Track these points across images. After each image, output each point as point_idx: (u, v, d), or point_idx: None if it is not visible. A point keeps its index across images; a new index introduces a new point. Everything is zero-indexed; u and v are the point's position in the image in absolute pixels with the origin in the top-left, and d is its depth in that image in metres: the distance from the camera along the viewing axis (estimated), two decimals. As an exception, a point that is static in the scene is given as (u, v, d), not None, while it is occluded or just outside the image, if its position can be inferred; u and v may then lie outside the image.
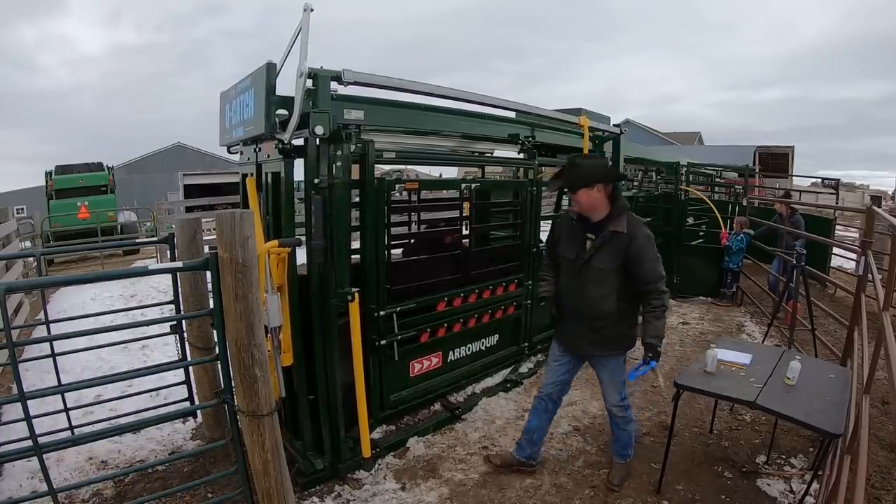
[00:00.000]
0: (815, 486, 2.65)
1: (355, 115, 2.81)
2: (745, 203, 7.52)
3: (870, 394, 2.23)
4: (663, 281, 2.53)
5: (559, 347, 2.81)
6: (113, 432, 2.51)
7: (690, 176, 7.99)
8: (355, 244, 3.25)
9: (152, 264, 4.15)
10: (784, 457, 3.06)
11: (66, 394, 2.87)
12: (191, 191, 21.34)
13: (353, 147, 2.78)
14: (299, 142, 2.74)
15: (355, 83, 2.64)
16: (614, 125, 4.95)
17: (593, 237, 2.56)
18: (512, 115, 3.98)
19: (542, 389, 2.88)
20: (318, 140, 2.59)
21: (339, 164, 2.68)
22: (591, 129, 4.43)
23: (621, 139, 4.93)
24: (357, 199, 3.13)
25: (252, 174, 3.15)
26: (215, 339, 2.16)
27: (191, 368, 3.21)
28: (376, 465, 2.98)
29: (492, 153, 4.54)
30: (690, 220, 7.25)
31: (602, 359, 2.71)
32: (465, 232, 4.08)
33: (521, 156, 4.32)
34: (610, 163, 2.74)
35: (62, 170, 12.81)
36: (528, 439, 2.89)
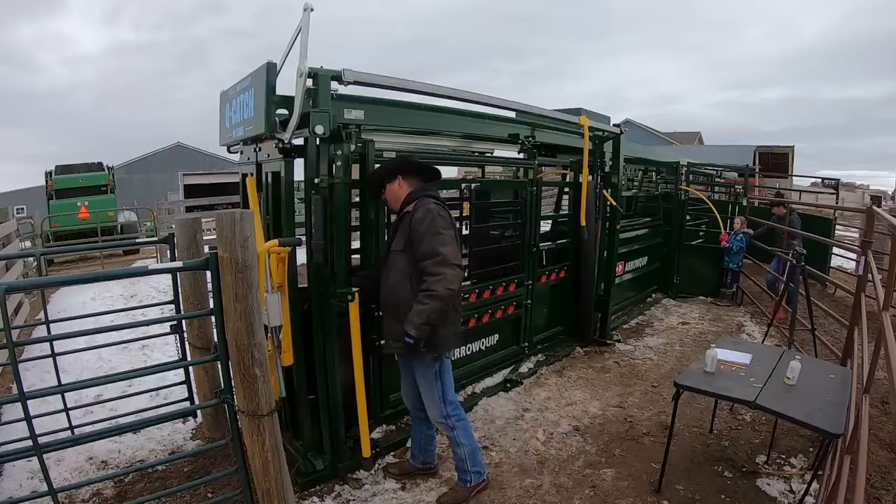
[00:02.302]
0: (815, 486, 2.65)
1: (355, 114, 2.81)
2: (745, 203, 7.52)
3: (870, 394, 2.23)
4: (437, 259, 2.31)
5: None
6: (113, 432, 2.50)
7: (690, 176, 7.99)
8: (355, 244, 3.25)
9: (152, 264, 4.15)
10: (784, 457, 3.06)
11: (66, 394, 2.87)
12: (191, 191, 21.34)
13: (353, 147, 2.78)
14: (299, 141, 2.74)
15: (355, 82, 2.64)
16: (614, 125, 4.95)
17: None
18: (512, 114, 3.98)
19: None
20: (318, 140, 2.59)
21: (339, 163, 2.68)
22: (591, 128, 4.43)
23: (621, 139, 4.93)
24: (357, 199, 3.13)
25: (252, 174, 3.15)
26: (215, 339, 2.16)
27: (191, 368, 3.22)
28: (376, 465, 2.98)
29: (492, 153, 4.55)
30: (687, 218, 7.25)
31: (410, 361, 2.56)
32: (464, 232, 4.08)
33: (521, 155, 4.32)
34: (413, 159, 2.76)
35: (62, 170, 12.80)
36: (417, 446, 2.88)
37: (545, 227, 5.50)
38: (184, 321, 3.03)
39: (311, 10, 2.37)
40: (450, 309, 2.44)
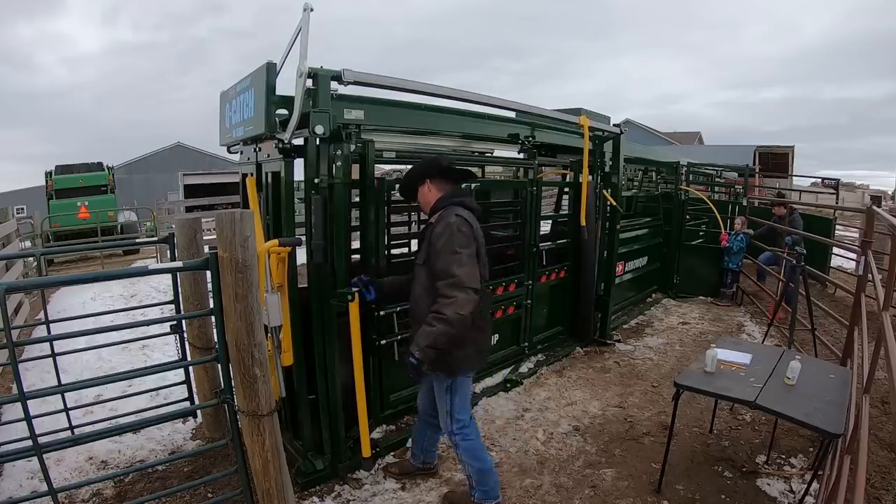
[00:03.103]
0: (815, 486, 2.65)
1: (355, 114, 2.81)
2: (745, 203, 7.53)
3: (870, 394, 2.23)
4: (451, 282, 2.17)
5: None
6: (113, 432, 2.50)
7: (690, 176, 7.99)
8: (355, 244, 3.24)
9: (152, 264, 4.15)
10: (784, 457, 3.06)
11: (66, 394, 2.87)
12: (191, 191, 21.35)
13: (353, 147, 2.78)
14: (299, 141, 2.74)
15: (355, 83, 2.63)
16: (614, 125, 4.95)
17: None
18: (512, 114, 3.97)
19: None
20: (318, 140, 2.59)
21: (339, 163, 2.68)
22: (591, 128, 4.43)
23: (621, 139, 4.92)
24: (357, 199, 3.13)
25: (252, 174, 3.15)
26: (215, 339, 2.15)
27: (191, 368, 3.22)
28: (376, 465, 2.98)
29: (492, 153, 4.55)
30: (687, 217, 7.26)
31: (428, 375, 2.40)
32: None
33: (521, 156, 4.32)
34: (441, 161, 2.56)
35: (62, 170, 12.80)
36: (418, 447, 2.85)
37: (545, 227, 5.50)
38: (184, 321, 3.03)
39: (311, 10, 2.37)
40: (473, 328, 2.31)
